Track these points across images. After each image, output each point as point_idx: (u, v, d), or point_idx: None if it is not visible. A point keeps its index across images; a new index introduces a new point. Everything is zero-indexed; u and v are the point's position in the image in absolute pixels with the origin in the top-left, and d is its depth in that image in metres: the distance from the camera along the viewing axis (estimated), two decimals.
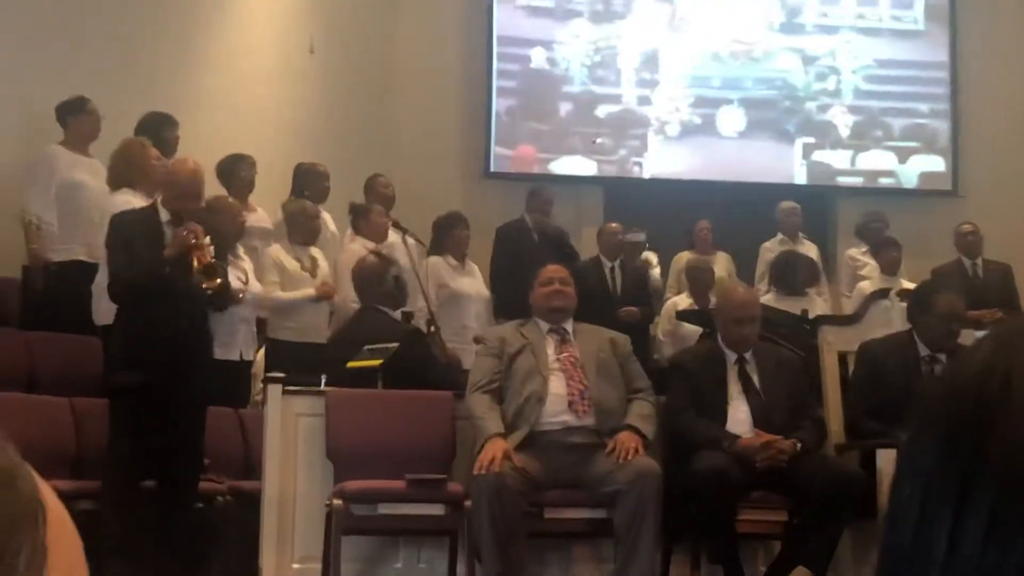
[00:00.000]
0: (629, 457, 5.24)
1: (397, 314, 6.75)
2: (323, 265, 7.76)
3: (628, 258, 9.49)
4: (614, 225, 9.42)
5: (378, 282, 6.65)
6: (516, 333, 5.66)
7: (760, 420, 5.49)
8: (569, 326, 5.73)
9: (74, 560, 0.88)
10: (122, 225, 5.89)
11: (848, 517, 5.33)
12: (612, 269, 9.00)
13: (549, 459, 5.32)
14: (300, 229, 7.77)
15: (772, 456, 5.31)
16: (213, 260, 5.69)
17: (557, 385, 5.46)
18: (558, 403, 5.43)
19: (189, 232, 5.66)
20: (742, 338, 5.67)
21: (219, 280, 5.70)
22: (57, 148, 7.46)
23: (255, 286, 7.22)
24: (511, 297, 7.90)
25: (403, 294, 6.83)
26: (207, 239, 5.73)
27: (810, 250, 9.86)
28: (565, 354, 5.58)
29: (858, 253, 9.87)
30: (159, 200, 6.02)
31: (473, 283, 8.53)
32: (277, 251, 7.64)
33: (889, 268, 9.17)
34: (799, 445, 5.38)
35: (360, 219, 8.23)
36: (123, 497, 5.68)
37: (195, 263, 5.65)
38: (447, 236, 8.52)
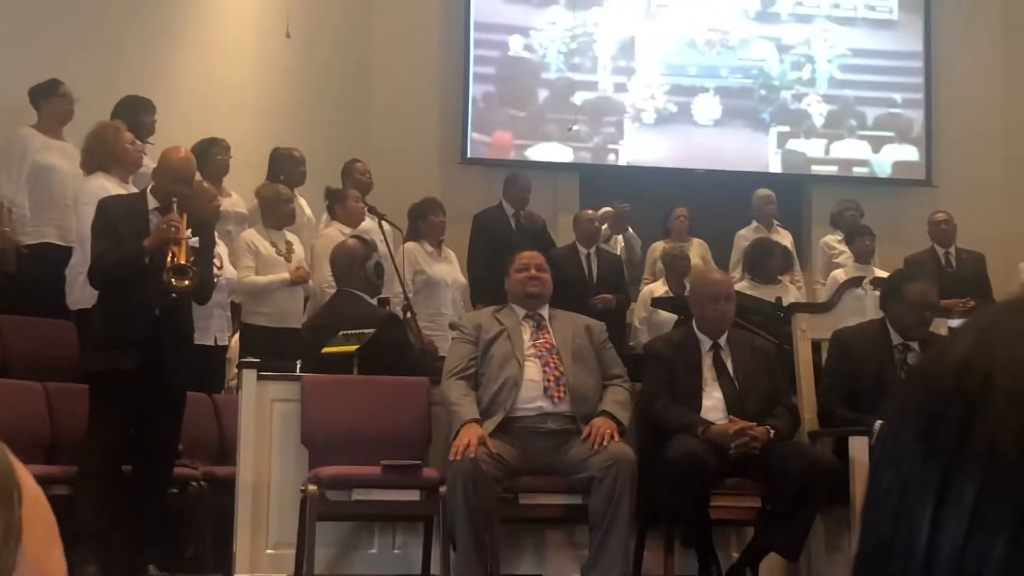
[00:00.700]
0: (604, 443, 5.26)
1: (373, 300, 6.73)
2: (298, 250, 7.74)
3: (618, 229, 9.56)
4: (590, 212, 9.42)
5: (358, 266, 6.61)
6: (492, 319, 5.66)
7: (734, 406, 5.51)
8: (545, 312, 5.74)
9: (49, 538, 0.88)
10: (109, 210, 5.89)
11: (821, 504, 5.36)
12: (588, 256, 8.99)
13: (524, 445, 5.34)
14: (274, 213, 7.75)
15: (745, 443, 5.34)
16: (186, 262, 5.65)
17: (533, 371, 5.47)
18: (533, 389, 5.44)
19: (170, 224, 5.65)
20: (718, 315, 5.67)
21: (187, 282, 5.67)
22: (29, 131, 7.42)
23: (229, 271, 7.21)
24: (488, 283, 7.90)
25: (381, 282, 6.81)
26: (188, 232, 5.71)
27: (784, 238, 9.89)
28: (541, 340, 5.58)
29: (834, 241, 9.91)
30: (148, 188, 6.02)
31: (449, 269, 8.52)
32: (252, 235, 7.62)
33: (862, 257, 9.22)
34: (772, 432, 5.41)
35: (336, 204, 8.21)
36: (103, 483, 5.66)
37: (169, 259, 5.63)
38: (423, 222, 8.51)
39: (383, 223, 7.65)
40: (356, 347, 5.92)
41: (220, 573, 5.88)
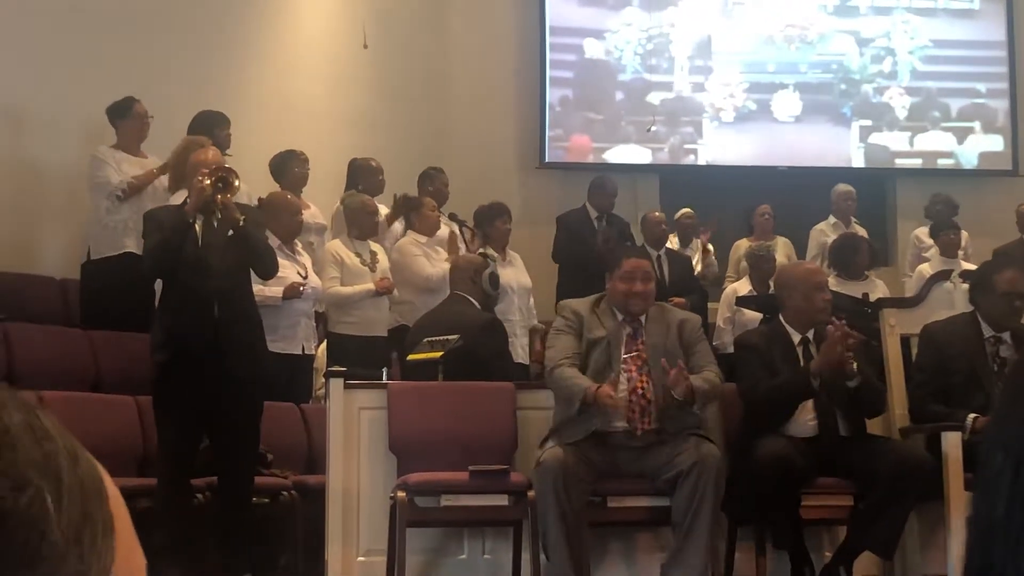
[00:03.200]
0: (679, 383, 5.16)
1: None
2: (383, 260, 7.78)
3: (684, 241, 9.65)
4: (657, 214, 9.41)
5: (474, 273, 6.88)
6: (593, 316, 5.48)
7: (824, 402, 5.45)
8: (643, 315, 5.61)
9: (129, 535, 0.89)
10: (153, 215, 5.92)
11: (914, 500, 5.28)
12: (659, 258, 8.89)
13: (613, 454, 5.29)
14: (359, 224, 7.79)
15: (846, 343, 5.20)
16: (225, 171, 5.65)
17: (622, 392, 5.31)
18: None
19: (200, 176, 5.64)
20: (824, 304, 5.56)
21: (237, 184, 5.64)
22: (105, 150, 7.57)
23: (315, 280, 7.26)
24: (573, 286, 7.90)
25: (496, 292, 7.05)
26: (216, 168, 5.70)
27: (862, 234, 9.76)
28: (635, 352, 5.45)
29: (923, 234, 9.79)
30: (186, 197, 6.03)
31: (515, 273, 8.36)
32: (337, 246, 7.67)
33: (948, 250, 9.10)
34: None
35: (412, 213, 8.23)
36: (173, 491, 5.65)
37: (209, 186, 5.60)
38: (489, 227, 8.39)
39: (463, 229, 7.67)
40: (441, 353, 5.94)
41: None
